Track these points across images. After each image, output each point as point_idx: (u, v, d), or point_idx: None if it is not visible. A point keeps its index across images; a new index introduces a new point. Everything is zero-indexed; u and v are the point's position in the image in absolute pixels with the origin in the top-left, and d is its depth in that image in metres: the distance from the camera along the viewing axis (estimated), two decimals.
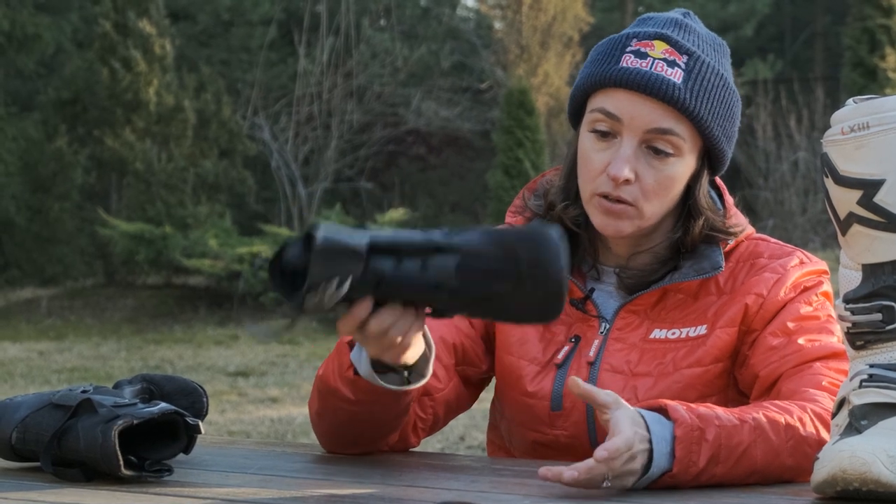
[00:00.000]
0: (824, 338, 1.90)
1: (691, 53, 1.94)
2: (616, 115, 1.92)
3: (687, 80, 1.92)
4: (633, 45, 1.94)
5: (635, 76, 1.91)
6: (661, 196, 1.93)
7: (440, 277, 1.62)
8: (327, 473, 1.82)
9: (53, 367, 10.73)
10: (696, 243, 1.98)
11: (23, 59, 18.16)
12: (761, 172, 16.40)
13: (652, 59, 1.92)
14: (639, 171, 1.91)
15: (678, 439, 1.64)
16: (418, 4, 22.46)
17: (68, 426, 1.76)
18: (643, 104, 1.90)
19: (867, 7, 16.38)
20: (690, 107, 1.91)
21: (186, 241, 14.74)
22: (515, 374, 2.02)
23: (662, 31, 1.96)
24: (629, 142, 1.91)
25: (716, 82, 1.95)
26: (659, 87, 1.90)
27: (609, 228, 1.94)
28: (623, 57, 1.93)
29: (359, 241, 1.61)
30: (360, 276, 1.61)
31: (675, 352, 1.94)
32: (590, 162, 1.94)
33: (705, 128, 1.94)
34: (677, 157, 1.93)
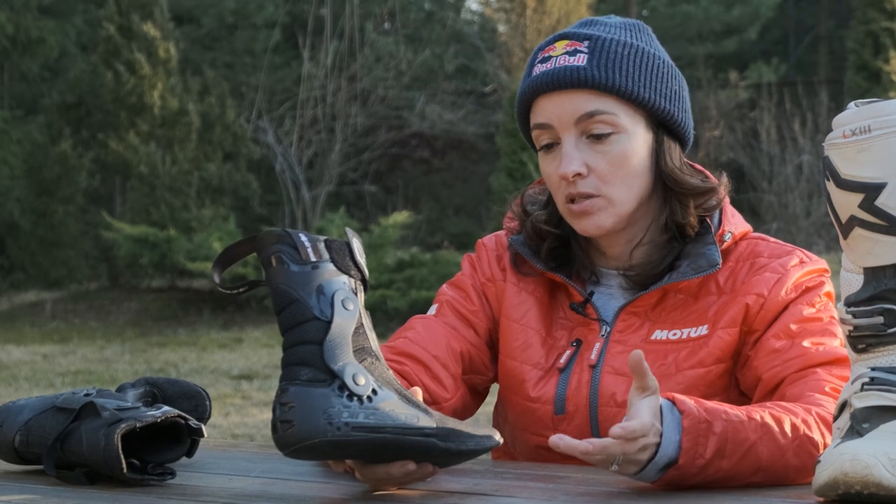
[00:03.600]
0: (828, 341, 1.90)
1: (591, 37, 1.95)
2: (545, 122, 1.95)
3: (591, 59, 1.93)
4: (539, 56, 1.98)
5: (542, 79, 1.94)
6: (621, 175, 1.94)
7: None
8: (330, 476, 1.82)
9: (57, 371, 10.73)
10: (695, 224, 1.97)
11: (27, 62, 18.17)
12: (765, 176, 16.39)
13: (555, 58, 1.95)
14: (588, 162, 1.93)
15: (685, 430, 1.64)
16: (422, 8, 22.48)
17: (71, 429, 1.77)
18: (560, 100, 1.93)
19: (871, 10, 16.37)
20: (602, 79, 1.92)
21: (190, 244, 14.74)
22: (518, 379, 2.02)
23: (563, 32, 1.99)
24: (567, 139, 1.94)
25: (623, 51, 1.95)
26: (564, 76, 1.92)
27: (589, 228, 1.95)
28: (533, 69, 1.97)
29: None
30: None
31: (677, 353, 1.95)
32: (549, 177, 1.98)
33: (630, 94, 1.93)
34: (619, 134, 1.93)
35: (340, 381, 1.58)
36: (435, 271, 12.53)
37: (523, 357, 2.02)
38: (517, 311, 2.04)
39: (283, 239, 1.62)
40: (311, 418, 1.56)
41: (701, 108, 17.11)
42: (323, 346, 1.58)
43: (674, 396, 1.69)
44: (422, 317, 2.08)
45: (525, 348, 2.02)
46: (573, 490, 1.68)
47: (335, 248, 1.63)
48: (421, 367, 1.99)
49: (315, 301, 1.59)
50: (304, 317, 1.60)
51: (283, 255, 1.61)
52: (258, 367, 10.82)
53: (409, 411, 1.60)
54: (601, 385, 1.96)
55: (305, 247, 1.61)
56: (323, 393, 1.57)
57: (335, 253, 1.63)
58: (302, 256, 1.61)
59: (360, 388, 1.58)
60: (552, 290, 2.05)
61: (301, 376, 1.58)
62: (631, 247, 2.00)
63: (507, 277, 2.07)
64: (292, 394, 1.57)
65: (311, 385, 1.58)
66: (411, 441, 1.59)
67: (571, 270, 2.03)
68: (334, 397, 1.57)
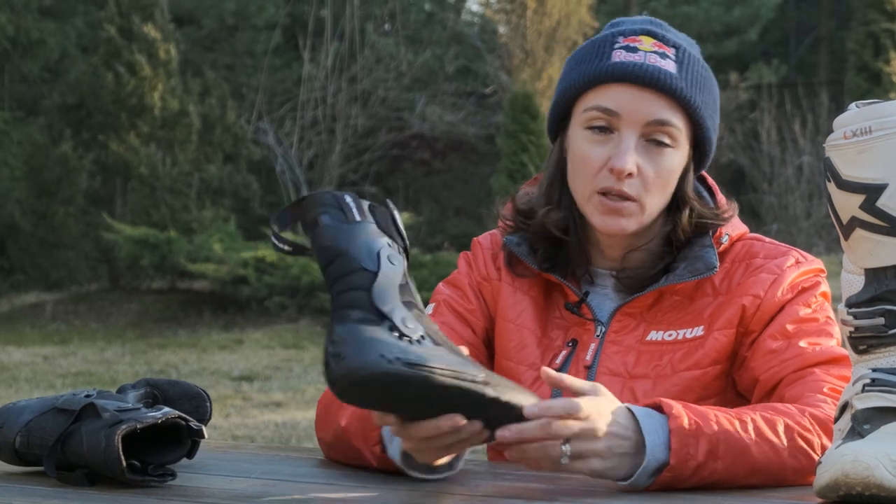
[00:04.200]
0: (824, 341, 1.90)
1: (678, 46, 1.95)
2: (614, 110, 1.91)
3: (680, 70, 1.92)
4: (621, 42, 1.94)
5: (632, 69, 1.91)
6: (662, 189, 1.94)
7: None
8: (331, 478, 1.82)
9: (58, 372, 10.73)
10: (688, 234, 1.98)
11: (28, 64, 18.17)
12: (765, 177, 16.39)
13: (644, 52, 1.93)
14: (640, 164, 1.91)
15: (673, 431, 1.64)
16: (423, 9, 22.47)
17: (72, 430, 1.77)
18: (641, 96, 1.91)
19: (872, 11, 16.37)
20: (687, 96, 1.92)
21: (191, 245, 14.74)
22: (514, 380, 2.01)
23: (646, 28, 1.97)
24: (630, 135, 1.91)
25: (704, 73, 1.96)
26: (657, 78, 1.91)
27: (611, 227, 1.94)
28: (613, 53, 1.93)
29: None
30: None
31: (672, 354, 1.94)
32: (587, 160, 1.93)
33: (699, 117, 1.94)
34: (674, 149, 1.93)
35: (391, 322, 1.57)
36: (435, 272, 12.53)
37: (519, 357, 2.02)
38: (512, 311, 2.04)
39: (328, 201, 1.65)
40: (364, 351, 1.54)
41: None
42: (371, 291, 1.59)
43: (660, 400, 1.69)
44: None
45: (520, 349, 2.02)
46: (574, 491, 1.68)
47: (379, 212, 1.66)
48: None
49: (362, 254, 1.61)
50: (351, 267, 1.60)
51: (329, 215, 1.64)
52: (258, 368, 10.82)
53: (458, 359, 1.59)
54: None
55: (350, 207, 1.64)
56: (374, 330, 1.56)
57: (379, 216, 1.65)
58: (347, 216, 1.63)
59: (411, 330, 1.57)
60: (547, 289, 2.05)
61: (351, 317, 1.58)
62: (628, 250, 2.00)
63: (503, 277, 2.07)
64: (343, 331, 1.56)
65: (362, 324, 1.57)
66: (462, 385, 1.57)
67: (566, 270, 2.03)
68: (386, 334, 1.56)
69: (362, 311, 1.58)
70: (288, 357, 11.53)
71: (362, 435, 1.80)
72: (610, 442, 1.63)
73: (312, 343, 12.38)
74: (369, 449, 1.79)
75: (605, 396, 1.66)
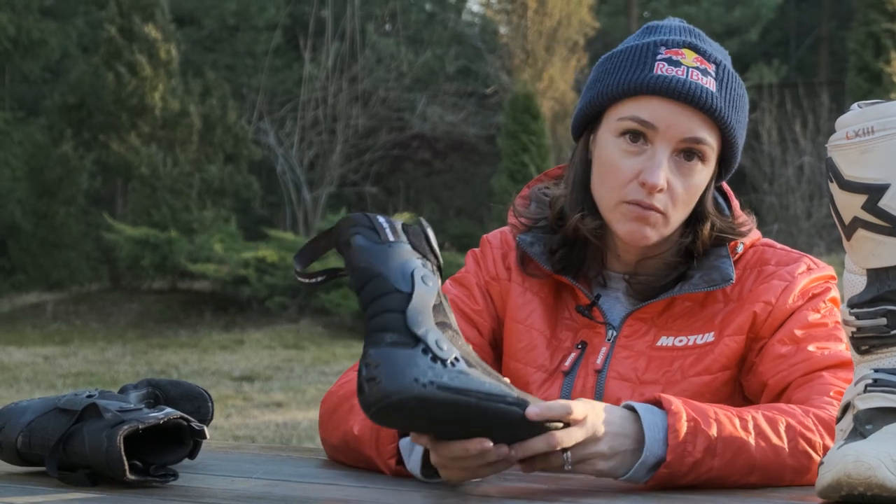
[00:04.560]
0: (833, 345, 1.90)
1: (719, 63, 1.93)
2: (652, 123, 1.89)
3: (720, 89, 1.91)
4: (663, 53, 1.92)
5: (675, 84, 1.89)
6: (688, 204, 1.93)
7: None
8: (332, 478, 1.82)
9: (59, 372, 10.73)
10: (707, 247, 1.98)
11: (29, 64, 18.18)
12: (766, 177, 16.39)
13: (686, 68, 1.90)
14: (670, 179, 1.90)
15: (671, 427, 1.64)
16: (423, 9, 22.48)
17: (74, 431, 1.77)
18: (681, 113, 1.89)
19: (872, 12, 16.37)
20: (725, 116, 1.91)
21: (192, 245, 14.75)
22: (522, 381, 2.01)
23: (689, 40, 1.94)
24: (663, 150, 1.90)
25: (740, 91, 1.96)
26: (698, 96, 1.89)
27: (636, 235, 1.92)
28: (656, 64, 1.91)
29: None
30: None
31: (683, 359, 1.94)
32: (618, 170, 1.91)
33: (732, 136, 1.94)
34: (704, 166, 1.93)
35: (424, 345, 1.58)
36: None
37: (527, 359, 2.01)
38: (522, 311, 2.03)
39: (361, 222, 1.66)
40: (398, 375, 1.56)
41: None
42: (406, 314, 1.60)
43: (660, 396, 1.69)
44: None
45: (529, 350, 2.01)
46: (576, 491, 1.68)
47: (412, 231, 1.66)
48: None
49: (396, 275, 1.62)
50: (386, 289, 1.61)
51: (362, 236, 1.64)
52: (259, 368, 10.82)
53: (491, 380, 1.60)
54: (606, 390, 1.95)
55: (384, 228, 1.65)
56: (408, 354, 1.58)
57: (412, 236, 1.65)
58: (381, 237, 1.64)
59: (444, 353, 1.58)
60: (557, 290, 2.04)
61: (385, 340, 1.59)
62: (643, 256, 1.99)
63: (512, 277, 2.06)
64: (377, 355, 1.58)
65: (396, 347, 1.59)
66: (495, 408, 1.58)
67: (578, 272, 2.02)
68: (419, 358, 1.57)
69: (396, 334, 1.59)
70: (289, 357, 11.53)
71: (375, 445, 1.80)
72: (612, 441, 1.63)
73: (313, 343, 12.38)
74: (383, 461, 1.78)
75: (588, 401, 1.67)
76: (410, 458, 1.75)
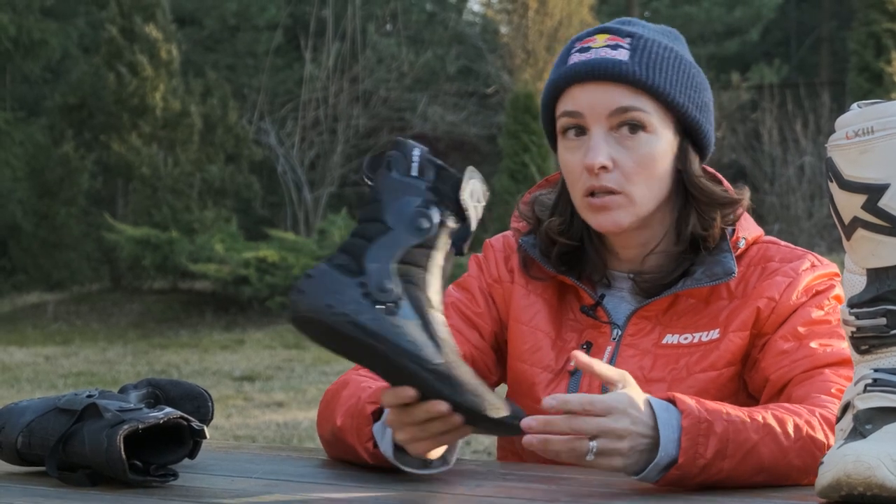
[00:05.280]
0: (835, 343, 1.90)
1: (633, 34, 1.95)
2: (576, 111, 1.93)
3: (633, 55, 1.92)
4: (576, 46, 1.96)
5: (581, 67, 1.92)
6: (645, 175, 1.93)
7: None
8: (332, 478, 1.82)
9: (60, 372, 10.73)
10: (716, 237, 1.97)
11: (29, 64, 18.18)
12: (767, 177, 16.38)
13: (595, 49, 1.94)
14: (615, 156, 1.91)
15: (685, 430, 1.64)
16: (424, 9, 22.48)
17: (74, 431, 1.77)
18: (596, 90, 1.92)
19: (873, 12, 16.37)
20: (642, 77, 1.91)
21: (192, 245, 14.74)
22: (528, 382, 2.01)
23: (604, 27, 1.98)
24: (597, 130, 1.92)
25: (664, 54, 1.94)
26: (605, 67, 1.91)
27: (605, 223, 1.93)
28: (570, 58, 1.95)
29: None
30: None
31: (689, 357, 1.94)
32: (569, 165, 1.95)
33: (666, 97, 1.93)
34: (649, 134, 1.92)
35: (365, 279, 1.59)
36: None
37: (533, 360, 2.01)
38: (526, 313, 2.04)
39: (401, 147, 1.67)
40: (319, 296, 1.58)
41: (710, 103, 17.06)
42: (370, 244, 1.60)
43: (675, 396, 1.69)
44: None
45: (535, 351, 2.02)
46: (576, 491, 1.68)
47: (444, 176, 1.65)
48: None
49: (391, 208, 1.62)
50: (375, 215, 1.63)
51: (392, 161, 1.66)
52: (260, 368, 10.82)
53: (420, 338, 1.60)
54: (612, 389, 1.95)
55: (413, 161, 1.65)
56: (342, 280, 1.59)
57: (441, 181, 1.65)
58: (404, 167, 1.65)
59: (381, 295, 1.59)
60: (561, 291, 2.04)
61: (336, 259, 1.61)
62: (644, 251, 1.99)
63: (515, 279, 2.06)
64: (318, 269, 1.61)
65: (338, 269, 1.61)
66: (402, 364, 1.59)
67: (582, 273, 2.02)
68: (350, 289, 1.59)
69: (349, 258, 1.61)
70: (289, 357, 11.53)
71: (356, 432, 1.81)
72: (633, 441, 1.64)
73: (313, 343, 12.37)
74: (362, 445, 1.80)
75: (631, 388, 1.68)
76: (383, 441, 1.77)
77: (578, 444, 1.63)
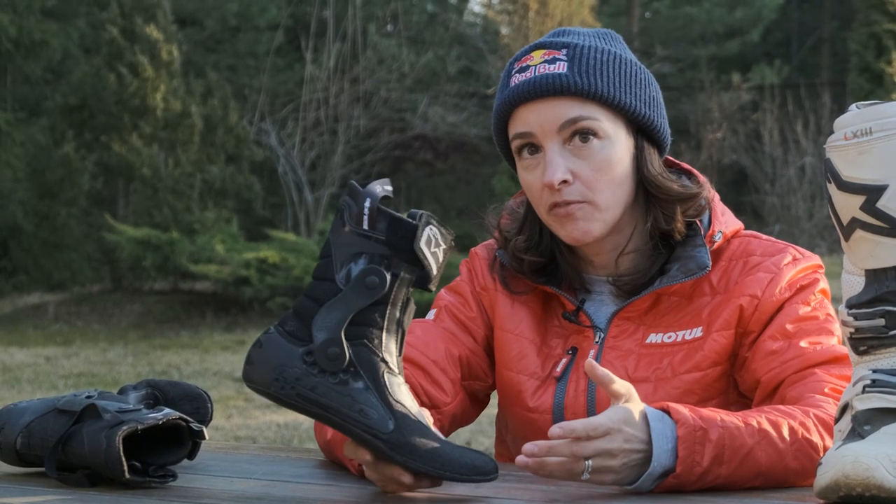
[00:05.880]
0: (825, 340, 1.89)
1: (569, 45, 1.94)
2: (526, 131, 1.93)
3: (571, 66, 1.91)
4: (516, 67, 1.96)
5: (523, 87, 1.92)
6: (605, 181, 1.92)
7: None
8: (332, 479, 1.82)
9: (60, 373, 10.74)
10: (682, 229, 1.96)
11: (30, 65, 18.19)
12: (768, 178, 16.39)
13: (534, 67, 1.93)
14: (573, 168, 1.91)
15: (681, 439, 1.64)
16: (425, 10, 22.49)
17: (73, 431, 1.77)
18: (543, 107, 1.91)
19: (874, 12, 16.38)
20: (583, 86, 1.90)
21: (193, 246, 14.75)
22: (516, 390, 2.01)
23: (538, 42, 1.97)
24: (550, 146, 1.91)
25: (602, 58, 1.93)
26: (545, 84, 1.91)
27: (575, 233, 1.93)
28: (510, 80, 1.95)
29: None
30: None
31: (672, 356, 1.94)
32: (530, 185, 1.95)
33: (611, 100, 1.92)
34: (602, 139, 1.91)
35: (312, 348, 1.58)
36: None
37: (519, 367, 2.02)
38: (510, 321, 2.04)
39: (353, 194, 1.62)
40: (266, 367, 1.59)
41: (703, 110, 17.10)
42: (320, 307, 1.59)
43: (668, 405, 1.68)
44: (421, 321, 2.08)
45: (520, 358, 2.02)
46: (574, 493, 1.68)
47: (397, 228, 1.60)
48: (420, 371, 1.99)
49: (343, 266, 1.59)
50: (325, 274, 1.60)
51: (345, 210, 1.62)
52: None
53: (371, 407, 1.59)
54: (598, 392, 1.95)
55: (364, 212, 1.60)
56: (290, 350, 1.59)
57: (393, 233, 1.60)
58: (356, 219, 1.60)
59: (330, 365, 1.58)
60: (545, 299, 2.05)
61: (286, 325, 1.61)
62: (616, 254, 1.98)
63: (499, 287, 2.07)
64: (267, 337, 1.61)
65: (288, 337, 1.60)
66: (354, 433, 1.59)
67: (561, 280, 2.03)
68: (297, 360, 1.59)
69: (298, 325, 1.60)
70: None
71: (343, 447, 1.81)
72: (625, 458, 1.64)
73: None
74: (350, 462, 1.82)
75: (632, 403, 1.67)
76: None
77: (575, 465, 1.63)
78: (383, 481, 1.65)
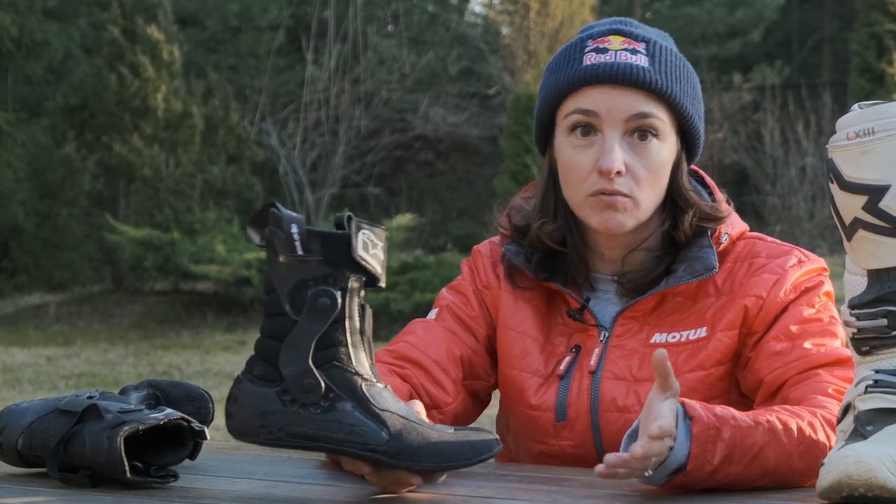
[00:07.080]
0: (829, 341, 1.89)
1: (648, 40, 1.95)
2: (593, 110, 1.92)
3: (652, 62, 1.93)
4: (590, 45, 1.95)
5: (603, 69, 1.92)
6: (652, 181, 1.93)
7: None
8: (332, 479, 1.82)
9: (61, 373, 10.73)
10: (689, 234, 1.97)
11: (31, 65, 18.17)
12: (769, 178, 16.38)
13: (614, 52, 1.93)
14: (628, 162, 1.92)
15: (695, 436, 1.64)
16: (426, 11, 22.48)
17: (74, 432, 1.77)
18: (617, 94, 1.92)
19: (875, 13, 16.37)
20: (662, 87, 1.92)
21: (194, 246, 14.74)
22: (518, 388, 2.01)
23: (614, 27, 1.98)
24: (612, 134, 1.92)
25: (677, 62, 1.96)
26: (629, 73, 1.91)
27: (610, 224, 1.93)
28: (584, 57, 1.94)
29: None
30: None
31: (676, 356, 1.94)
32: (576, 166, 1.94)
33: (678, 106, 1.94)
34: (660, 141, 1.94)
35: (286, 385, 1.57)
36: (438, 274, 12.53)
37: (522, 365, 2.02)
38: (514, 319, 2.04)
39: (277, 223, 1.58)
40: (247, 419, 1.59)
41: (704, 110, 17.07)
42: (281, 344, 1.57)
43: (684, 402, 1.68)
44: (422, 321, 2.08)
45: (524, 356, 2.02)
46: (576, 493, 1.68)
47: (330, 243, 1.57)
48: (422, 371, 1.99)
49: (289, 296, 1.57)
50: (276, 310, 1.58)
51: (274, 241, 1.58)
52: None
53: (361, 424, 1.58)
54: (601, 390, 1.95)
55: (293, 239, 1.57)
56: (265, 395, 1.58)
57: (329, 249, 1.57)
58: (288, 247, 1.57)
59: (307, 397, 1.58)
60: (549, 296, 2.04)
61: (254, 370, 1.60)
62: (627, 251, 1.99)
63: (503, 285, 2.06)
64: (239, 388, 1.60)
65: (259, 382, 1.59)
66: (352, 453, 1.59)
67: (566, 277, 2.02)
68: (275, 402, 1.58)
69: (266, 367, 1.59)
70: None
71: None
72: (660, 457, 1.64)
73: None
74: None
75: (674, 403, 1.66)
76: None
77: (645, 463, 1.62)
78: (388, 486, 1.65)
